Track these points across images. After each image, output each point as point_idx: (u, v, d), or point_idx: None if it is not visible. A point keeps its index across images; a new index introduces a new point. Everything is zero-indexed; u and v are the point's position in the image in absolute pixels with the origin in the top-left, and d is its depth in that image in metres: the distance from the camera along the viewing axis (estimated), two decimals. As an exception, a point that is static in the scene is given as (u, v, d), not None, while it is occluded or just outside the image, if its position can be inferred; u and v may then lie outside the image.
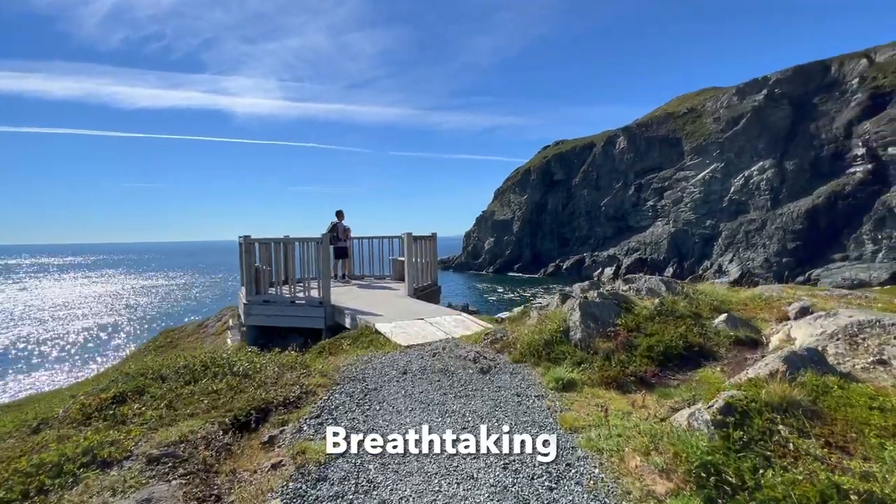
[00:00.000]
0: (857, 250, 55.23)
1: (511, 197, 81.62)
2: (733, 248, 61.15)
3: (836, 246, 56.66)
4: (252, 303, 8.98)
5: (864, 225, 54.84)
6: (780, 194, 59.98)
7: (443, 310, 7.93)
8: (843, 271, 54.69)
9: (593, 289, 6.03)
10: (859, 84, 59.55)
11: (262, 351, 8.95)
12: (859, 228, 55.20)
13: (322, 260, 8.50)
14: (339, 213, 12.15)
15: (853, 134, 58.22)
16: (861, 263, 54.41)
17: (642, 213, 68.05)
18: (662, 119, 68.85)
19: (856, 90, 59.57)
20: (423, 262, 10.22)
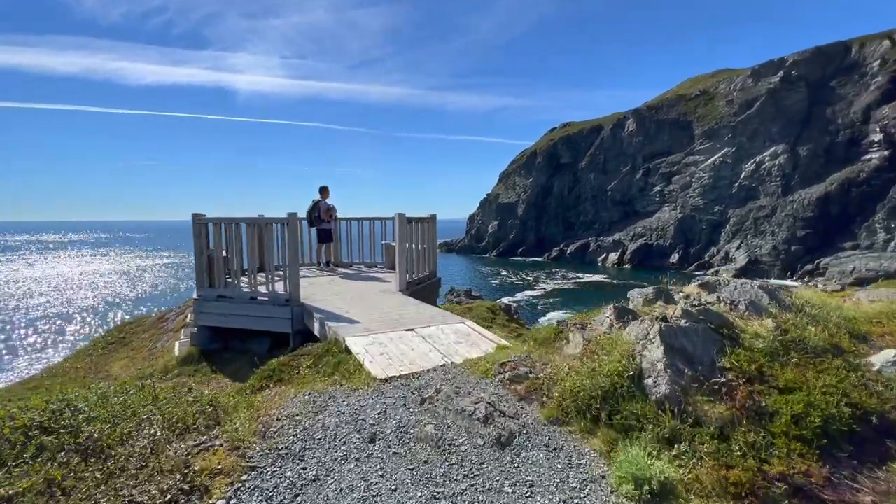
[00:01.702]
0: (868, 239, 52.60)
1: (516, 180, 78.92)
2: (741, 235, 58.62)
3: (847, 234, 54.00)
4: (204, 298, 7.01)
5: (877, 213, 52.09)
6: (791, 181, 57.10)
7: (440, 314, 5.90)
8: (852, 260, 52.21)
9: (663, 299, 3.97)
10: (880, 67, 55.95)
11: (215, 358, 7.06)
12: (872, 217, 52.45)
13: (290, 247, 6.46)
14: (322, 190, 10.07)
15: (871, 119, 54.92)
16: (872, 252, 51.85)
17: (649, 198, 65.37)
18: (673, 101, 65.53)
19: (876, 73, 55.99)
20: (420, 249, 8.17)
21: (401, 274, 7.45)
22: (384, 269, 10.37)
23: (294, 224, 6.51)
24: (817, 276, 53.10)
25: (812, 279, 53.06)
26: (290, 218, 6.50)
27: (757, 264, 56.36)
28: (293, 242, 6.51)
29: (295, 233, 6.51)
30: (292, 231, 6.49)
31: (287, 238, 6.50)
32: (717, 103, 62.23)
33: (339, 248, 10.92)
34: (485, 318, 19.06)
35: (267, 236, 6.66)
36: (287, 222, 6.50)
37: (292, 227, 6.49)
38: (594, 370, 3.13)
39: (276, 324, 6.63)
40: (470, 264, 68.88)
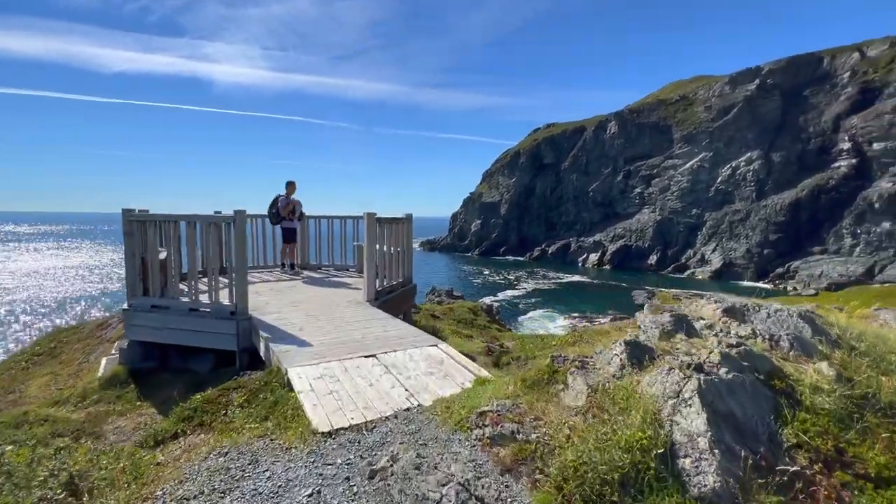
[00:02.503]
0: (836, 244, 53.74)
1: (499, 179, 78.38)
2: (717, 238, 59.30)
3: (816, 239, 55.09)
4: (135, 308, 5.90)
5: (844, 219, 53.24)
6: (765, 186, 57.96)
7: (411, 333, 4.95)
8: (821, 264, 53.27)
9: (684, 330, 3.11)
10: (850, 78, 57.17)
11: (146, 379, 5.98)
12: (840, 222, 53.60)
13: (236, 249, 5.42)
14: (289, 186, 9.00)
15: (840, 128, 56.08)
16: (839, 257, 52.99)
17: (629, 200, 65.59)
18: (654, 106, 65.82)
19: (846, 84, 57.20)
20: (392, 253, 7.20)
21: (369, 282, 6.47)
22: (355, 273, 9.37)
23: (241, 223, 5.47)
24: (788, 279, 54.00)
25: (783, 282, 53.92)
26: (236, 215, 5.46)
27: (731, 267, 57.07)
28: (240, 244, 5.47)
29: (242, 233, 5.47)
30: (239, 231, 5.45)
31: (234, 239, 5.46)
32: (696, 109, 62.74)
33: (307, 249, 9.86)
34: (466, 320, 18.21)
35: (210, 237, 5.60)
36: (233, 221, 5.45)
37: (239, 227, 5.45)
38: (606, 438, 2.25)
39: (219, 340, 5.59)
40: (452, 263, 68.04)
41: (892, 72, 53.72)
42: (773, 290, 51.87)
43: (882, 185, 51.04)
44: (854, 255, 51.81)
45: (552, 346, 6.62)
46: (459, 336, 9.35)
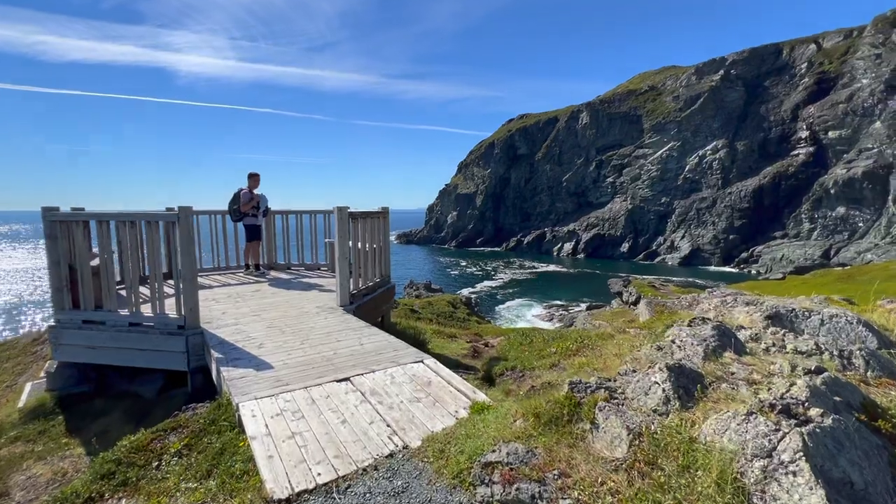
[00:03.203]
0: (795, 228, 55.75)
1: (474, 170, 77.80)
2: (685, 226, 60.59)
3: (778, 224, 57.01)
4: (64, 324, 4.94)
5: (803, 205, 55.21)
6: (730, 174, 59.43)
7: (390, 346, 4.21)
8: (781, 248, 55.20)
9: (732, 347, 2.50)
10: (807, 69, 58.95)
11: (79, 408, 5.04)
12: (799, 208, 55.57)
13: (183, 252, 4.54)
14: (251, 178, 8.04)
15: (799, 117, 57.90)
16: (798, 241, 55.00)
17: (602, 190, 66.21)
18: (624, 96, 66.32)
19: (804, 74, 58.97)
20: (368, 251, 6.42)
21: (341, 285, 5.68)
22: (327, 273, 8.53)
23: (187, 220, 4.59)
24: (752, 264, 55.75)
25: (747, 266, 55.65)
26: (180, 212, 4.56)
27: (699, 253, 58.49)
28: (187, 246, 4.59)
29: (188, 233, 4.59)
30: (185, 230, 4.56)
31: (179, 240, 4.57)
32: (665, 98, 63.55)
33: (274, 248, 8.94)
34: (446, 313, 17.56)
35: (152, 238, 4.68)
36: (177, 218, 4.56)
37: (185, 225, 4.56)
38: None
39: (165, 359, 4.71)
40: (429, 255, 67.29)
41: (845, 62, 55.64)
42: (738, 273, 53.46)
43: (837, 171, 53.04)
44: (812, 239, 53.85)
45: (544, 350, 6.01)
46: (442, 337, 8.67)
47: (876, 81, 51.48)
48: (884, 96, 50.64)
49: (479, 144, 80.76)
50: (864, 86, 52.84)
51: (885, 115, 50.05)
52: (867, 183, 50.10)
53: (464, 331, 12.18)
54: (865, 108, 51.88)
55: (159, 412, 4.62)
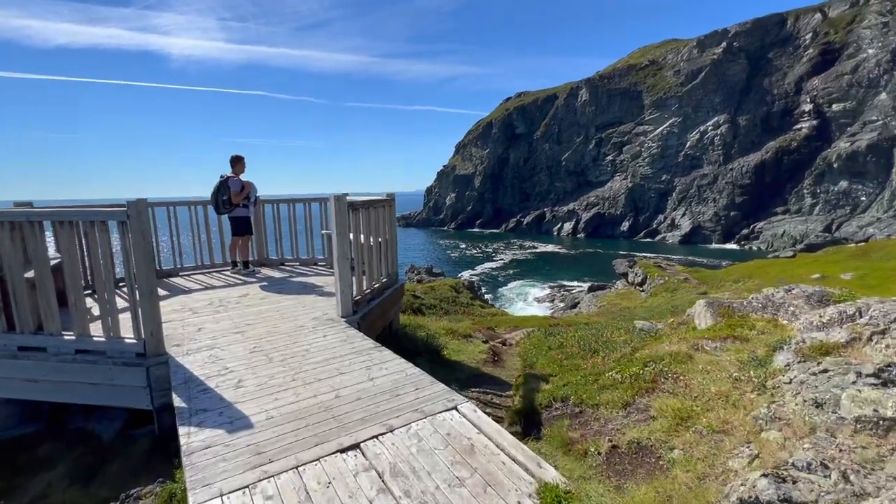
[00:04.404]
0: (797, 204, 54.66)
1: (473, 151, 75.95)
2: (686, 203, 59.42)
3: (779, 200, 55.88)
4: (-6, 352, 3.89)
5: (805, 180, 53.99)
6: (731, 149, 57.96)
7: (410, 379, 3.18)
8: (783, 224, 54.23)
9: None
10: (812, 39, 56.87)
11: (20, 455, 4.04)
12: (801, 183, 54.37)
13: (138, 259, 3.45)
14: (234, 162, 6.87)
15: (802, 90, 56.13)
16: (800, 216, 54.00)
17: (601, 168, 64.71)
18: (624, 71, 64.16)
19: (808, 45, 56.93)
20: (372, 245, 5.33)
21: (342, 291, 4.61)
22: (325, 269, 7.46)
23: (141, 219, 3.48)
24: (753, 240, 54.85)
25: (748, 243, 54.78)
26: (131, 208, 3.45)
27: (700, 230, 57.50)
28: (143, 252, 3.50)
29: (143, 234, 3.49)
30: (139, 232, 3.46)
31: (132, 245, 3.47)
32: (666, 73, 61.51)
33: (266, 242, 7.83)
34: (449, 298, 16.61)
35: (95, 241, 3.58)
36: (128, 217, 3.45)
37: (138, 226, 3.46)
38: None
39: (123, 396, 3.68)
40: (429, 238, 66.15)
41: (851, 32, 53.59)
42: (740, 251, 52.65)
43: (840, 145, 51.65)
44: (814, 214, 52.84)
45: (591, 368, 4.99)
46: (455, 337, 7.67)
47: (883, 51, 49.64)
48: (890, 66, 48.89)
49: (477, 124, 78.66)
50: (869, 56, 50.99)
51: (892, 86, 48.41)
52: (871, 156, 48.81)
53: (474, 323, 11.20)
54: (871, 79, 50.19)
55: (116, 464, 3.61)
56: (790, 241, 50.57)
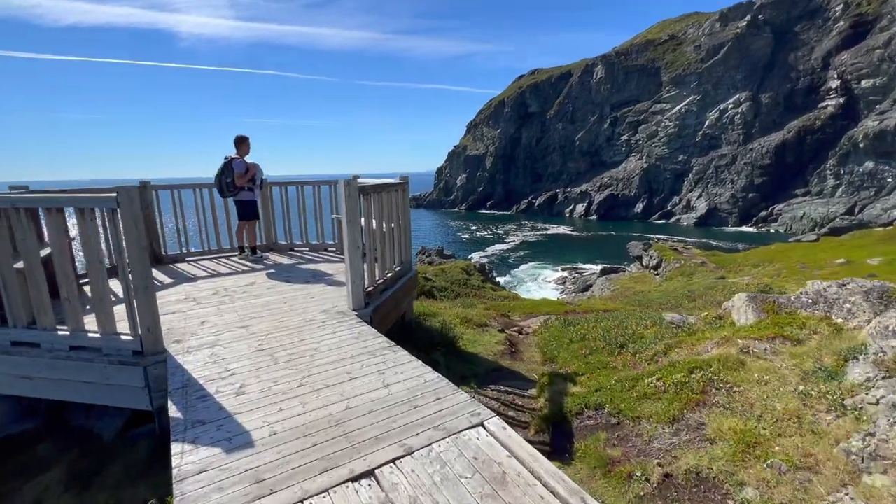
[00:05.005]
0: (818, 185, 52.75)
1: (484, 130, 74.46)
2: (702, 184, 57.80)
3: (801, 181, 53.96)
4: (-14, 347, 3.65)
5: (828, 160, 51.92)
6: (752, 129, 55.85)
7: (429, 385, 2.84)
8: (803, 206, 52.50)
9: None
10: (842, 11, 53.79)
11: (17, 454, 3.83)
12: (823, 164, 52.33)
13: (131, 255, 3.13)
14: (239, 143, 6.50)
15: (830, 65, 53.45)
16: (821, 198, 52.17)
17: (616, 148, 63.02)
18: (642, 47, 61.70)
19: (838, 17, 53.90)
20: (385, 232, 4.96)
21: (354, 282, 4.27)
22: (335, 255, 7.14)
23: (133, 204, 3.14)
24: (771, 223, 53.31)
25: (766, 225, 53.26)
26: (120, 193, 3.11)
27: (716, 212, 56.05)
28: (136, 242, 3.17)
29: (137, 222, 3.16)
30: (131, 221, 3.13)
31: (124, 235, 3.15)
32: (685, 49, 59.02)
33: (274, 225, 7.51)
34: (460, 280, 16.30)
35: (88, 231, 3.26)
36: (118, 204, 3.11)
37: (129, 215, 3.13)
38: None
39: (121, 396, 3.43)
40: (439, 219, 65.64)
41: (886, 3, 50.50)
42: (756, 233, 51.29)
43: (868, 123, 49.37)
44: (836, 196, 51.01)
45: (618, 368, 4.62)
46: (471, 327, 7.35)
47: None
48: (927, 40, 46.13)
49: (489, 103, 76.87)
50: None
51: (927, 60, 45.79)
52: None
53: (487, 309, 10.88)
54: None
55: (115, 467, 3.38)
56: (810, 224, 49.08)
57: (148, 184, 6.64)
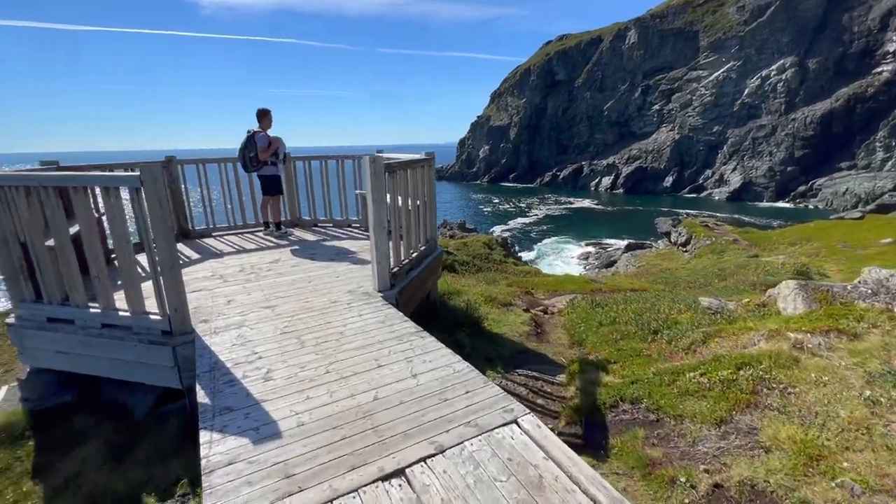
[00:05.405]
0: (865, 158, 49.36)
1: (509, 100, 72.20)
2: (738, 157, 54.93)
3: (846, 154, 50.53)
4: (25, 322, 3.73)
5: (879, 131, 48.32)
6: (796, 97, 52.22)
7: (457, 375, 2.72)
8: (847, 181, 49.36)
9: None
10: (909, -36, 48.67)
11: (58, 426, 3.96)
12: (874, 135, 48.74)
13: (157, 235, 3.07)
14: (264, 116, 6.36)
15: (889, 26, 48.93)
16: (867, 173, 48.88)
17: (647, 119, 60.24)
18: (680, 8, 57.77)
19: (903, -28, 48.84)
20: (410, 209, 4.80)
21: (379, 263, 4.15)
22: (360, 231, 7.04)
23: (157, 183, 3.06)
24: (809, 198, 50.52)
25: (804, 201, 50.52)
26: (143, 171, 3.02)
27: (751, 187, 53.46)
28: (161, 220, 3.11)
29: (161, 201, 3.09)
30: (155, 200, 3.06)
31: (149, 215, 3.08)
32: (727, 10, 54.95)
33: (298, 201, 7.44)
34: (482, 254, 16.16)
35: (110, 209, 3.21)
36: (140, 182, 3.03)
37: (154, 192, 3.05)
38: None
39: (152, 374, 3.46)
40: (461, 192, 64.93)
41: (960, -46, 45.38)
42: (793, 209, 48.81)
43: (928, 91, 45.45)
44: (884, 171, 47.73)
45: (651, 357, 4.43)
46: (495, 306, 7.22)
47: None
48: None
49: (514, 71, 74.11)
50: (980, -17, 43.35)
51: None
52: (964, 104, 42.82)
53: (509, 285, 10.71)
54: (978, 11, 42.98)
55: (147, 443, 3.45)
56: (853, 201, 46.31)
57: (173, 158, 6.61)
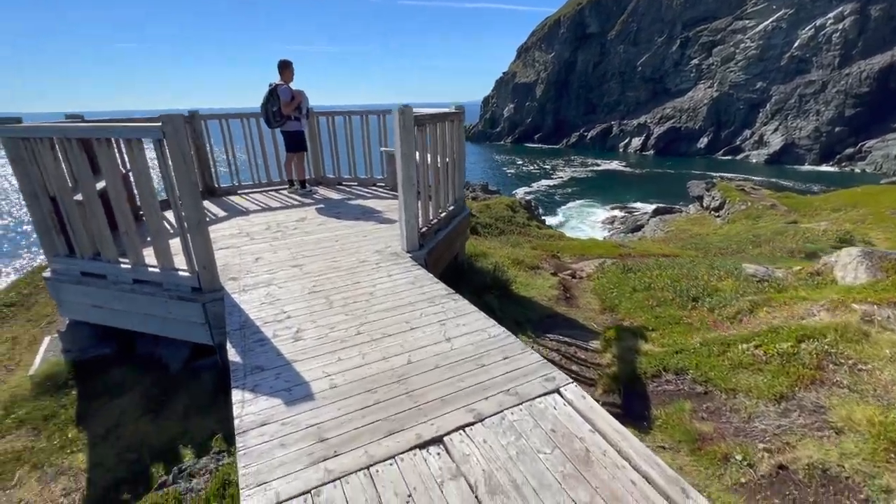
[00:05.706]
0: (925, 118, 45.38)
1: (536, 55, 68.60)
2: (780, 116, 51.30)
3: (903, 113, 46.53)
4: (60, 276, 3.76)
5: (945, 87, 44.06)
6: (853, 49, 47.71)
7: (493, 340, 2.59)
8: (901, 142, 45.74)
9: None
10: None
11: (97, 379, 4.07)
12: (937, 92, 44.52)
13: (182, 190, 2.96)
14: (283, 68, 6.07)
15: (971, -34, 43.39)
16: (926, 134, 45.11)
17: (683, 75, 56.48)
18: (729, -51, 52.48)
19: None
20: (439, 167, 4.57)
21: (408, 222, 3.98)
22: (385, 191, 6.84)
23: (178, 135, 2.91)
24: (857, 161, 47.21)
25: (851, 164, 47.29)
26: (165, 123, 2.87)
27: (792, 149, 50.20)
28: (185, 174, 2.99)
29: (185, 155, 2.95)
30: (177, 153, 2.92)
31: (173, 166, 2.96)
32: (784, -51, 49.57)
33: (322, 158, 7.25)
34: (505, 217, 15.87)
35: (133, 162, 3.10)
36: (163, 134, 2.89)
37: (176, 144, 2.91)
38: None
39: (183, 329, 3.46)
40: (484, 153, 63.37)
41: None
42: (838, 173, 45.81)
43: None
44: (945, 131, 43.92)
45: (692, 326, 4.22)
46: (522, 269, 7.03)
47: None
48: None
49: (543, 23, 69.88)
50: None
51: None
52: None
53: (534, 248, 10.47)
54: None
55: (183, 396, 3.52)
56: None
57: (196, 113, 6.46)
